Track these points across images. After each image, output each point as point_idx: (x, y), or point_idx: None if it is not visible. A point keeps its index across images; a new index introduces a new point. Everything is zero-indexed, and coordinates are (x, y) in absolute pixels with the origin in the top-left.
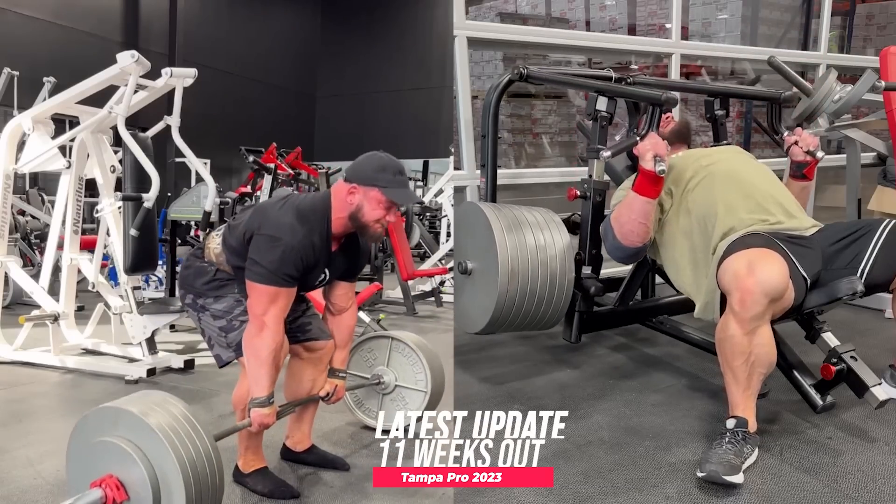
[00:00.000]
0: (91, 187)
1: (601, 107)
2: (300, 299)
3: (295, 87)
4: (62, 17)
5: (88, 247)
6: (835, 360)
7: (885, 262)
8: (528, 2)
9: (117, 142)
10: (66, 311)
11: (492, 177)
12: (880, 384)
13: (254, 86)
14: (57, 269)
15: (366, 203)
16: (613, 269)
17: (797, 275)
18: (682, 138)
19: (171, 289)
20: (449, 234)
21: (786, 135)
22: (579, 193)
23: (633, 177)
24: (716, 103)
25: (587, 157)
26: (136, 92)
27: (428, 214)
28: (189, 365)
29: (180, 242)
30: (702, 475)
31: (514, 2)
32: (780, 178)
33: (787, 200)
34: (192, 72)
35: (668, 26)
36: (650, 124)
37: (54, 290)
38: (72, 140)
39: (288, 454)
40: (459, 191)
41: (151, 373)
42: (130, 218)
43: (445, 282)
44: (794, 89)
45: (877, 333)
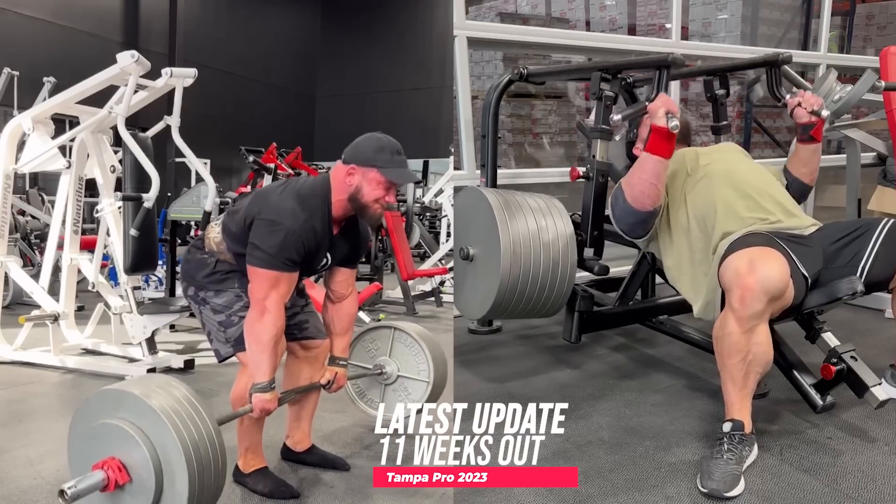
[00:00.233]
0: (91, 187)
1: (604, 86)
2: (300, 294)
3: (295, 87)
4: (62, 17)
5: (88, 247)
6: (835, 360)
7: (884, 261)
8: (528, 2)
9: (117, 142)
10: (66, 311)
11: (492, 177)
12: (880, 384)
13: (254, 86)
14: (57, 269)
15: (365, 184)
16: (613, 269)
17: (797, 273)
18: (681, 138)
19: (172, 289)
20: (449, 234)
21: (788, 97)
22: (582, 174)
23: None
24: (715, 82)
25: (591, 137)
26: (136, 92)
27: (428, 214)
28: (189, 365)
29: (180, 242)
30: (704, 491)
31: (514, 2)
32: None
33: (786, 200)
34: (192, 72)
35: (668, 26)
36: (658, 87)
37: (54, 290)
38: (72, 140)
39: (288, 454)
40: (459, 191)
41: (151, 372)
42: (130, 218)
43: (445, 282)
44: (794, 89)
45: (877, 333)
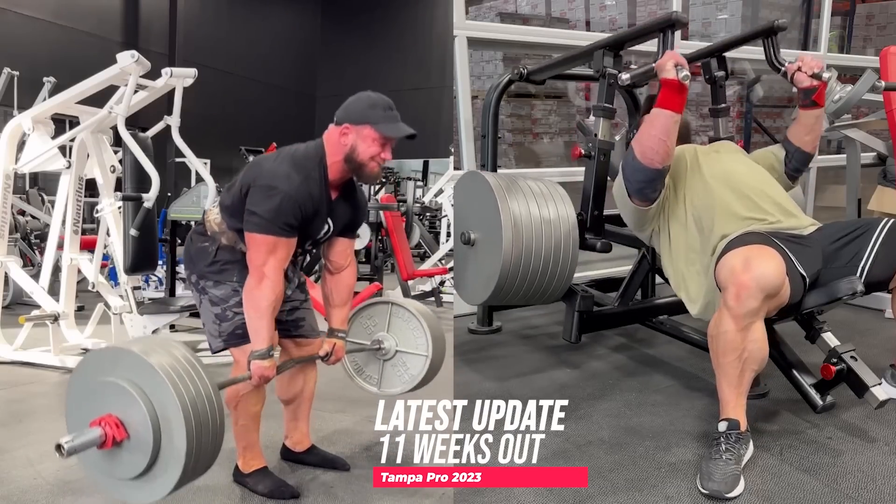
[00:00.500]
0: (91, 187)
1: (608, 63)
2: (301, 288)
3: (295, 87)
4: (62, 17)
5: (88, 247)
6: (835, 360)
7: (884, 261)
8: (528, 2)
9: (117, 142)
10: (66, 311)
11: None
12: (880, 384)
13: (254, 86)
14: (57, 269)
15: (360, 142)
16: (613, 269)
17: (794, 272)
18: (681, 138)
19: (172, 289)
20: (449, 234)
21: (787, 63)
22: (584, 152)
23: None
24: (713, 63)
25: (594, 116)
26: (136, 92)
27: (428, 214)
28: None
29: (180, 242)
30: (705, 492)
31: (514, 2)
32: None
33: (785, 200)
34: (192, 72)
35: None
36: (664, 47)
37: (54, 290)
38: (72, 140)
39: (288, 454)
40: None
41: None
42: (130, 218)
43: (445, 282)
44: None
45: (877, 333)
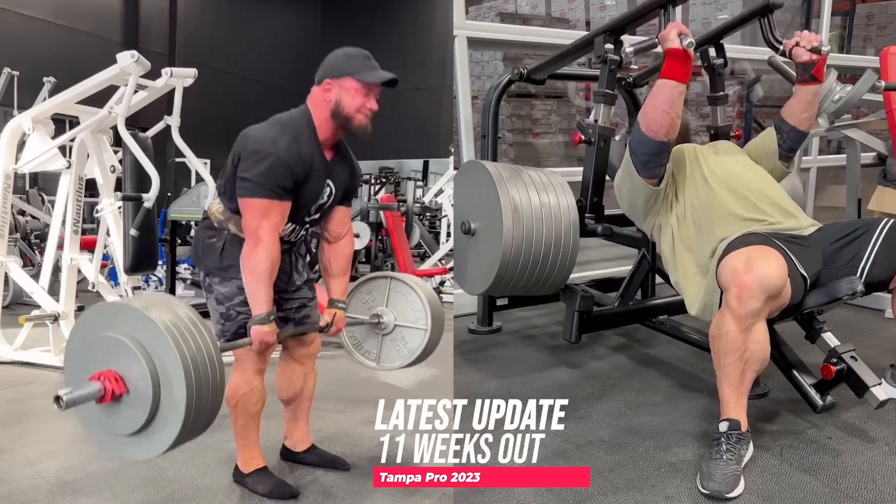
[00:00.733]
0: (91, 187)
1: (609, 49)
2: (308, 286)
3: (295, 87)
4: (62, 17)
5: (88, 247)
6: (835, 360)
7: (884, 262)
8: (528, 2)
9: (117, 142)
10: (66, 311)
11: None
12: (880, 384)
13: (254, 86)
14: (57, 269)
15: (343, 94)
16: (613, 269)
17: (795, 273)
18: (681, 138)
19: (172, 289)
20: (449, 234)
21: (785, 40)
22: (584, 138)
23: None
24: (711, 51)
25: (594, 101)
26: (136, 92)
27: (428, 214)
28: None
29: (180, 242)
30: (706, 492)
31: (514, 2)
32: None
33: (785, 200)
34: (192, 72)
35: None
36: (666, 20)
37: (54, 290)
38: (72, 140)
39: (288, 454)
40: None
41: None
42: (130, 218)
43: (446, 282)
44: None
45: (877, 333)
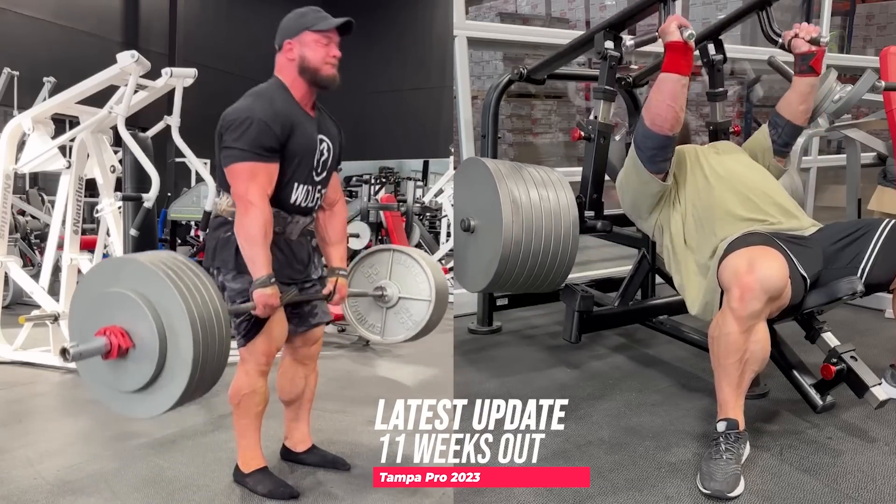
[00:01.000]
0: (91, 187)
1: (609, 45)
2: (321, 283)
3: None
4: (62, 17)
5: (88, 247)
6: (835, 360)
7: (885, 262)
8: (528, 2)
9: (117, 142)
10: (66, 311)
11: None
12: (880, 384)
13: (254, 86)
14: (57, 269)
15: (305, 49)
16: (613, 269)
17: (796, 274)
18: (681, 139)
19: None
20: (449, 234)
21: (784, 32)
22: (583, 134)
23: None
24: (710, 47)
25: (594, 98)
26: (136, 92)
27: (428, 214)
28: None
29: (180, 242)
30: (706, 492)
31: (514, 2)
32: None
33: (786, 200)
34: (192, 72)
35: None
36: (666, 15)
37: (54, 290)
38: (72, 140)
39: (288, 455)
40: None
41: None
42: (130, 218)
43: None
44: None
45: (877, 333)
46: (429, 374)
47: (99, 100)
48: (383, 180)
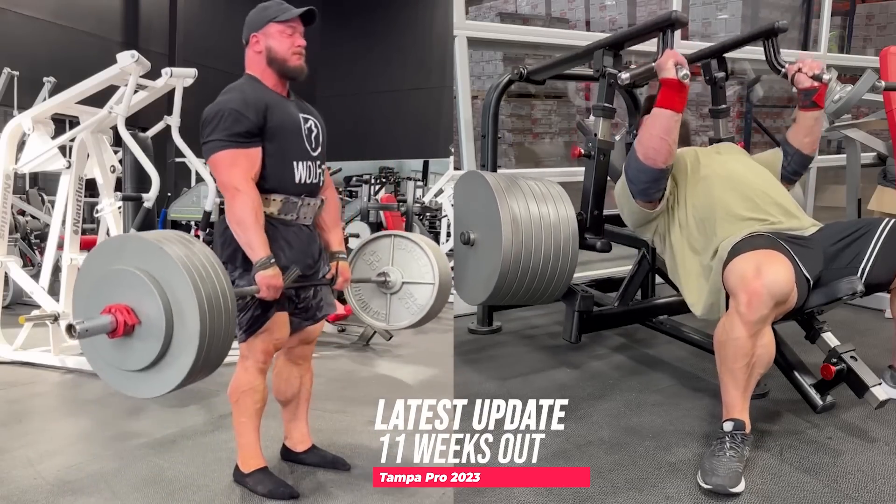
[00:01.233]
0: (91, 187)
1: (608, 62)
2: (329, 287)
3: (295, 87)
4: (62, 17)
5: (88, 247)
6: (835, 360)
7: (885, 262)
8: (528, 2)
9: (117, 142)
10: (66, 311)
11: None
12: (880, 384)
13: None
14: (57, 269)
15: (271, 41)
16: (613, 269)
17: (800, 276)
18: (681, 139)
19: None
20: (449, 234)
21: (788, 65)
22: (583, 152)
23: None
24: (713, 64)
25: (593, 116)
26: (136, 92)
27: (428, 214)
28: None
29: None
30: (707, 487)
31: (514, 2)
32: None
33: (786, 201)
34: (192, 72)
35: None
36: (664, 46)
37: (54, 290)
38: (72, 140)
39: (288, 455)
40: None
41: None
42: (130, 218)
43: None
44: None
45: (877, 333)
46: (429, 374)
47: (99, 100)
48: (383, 180)
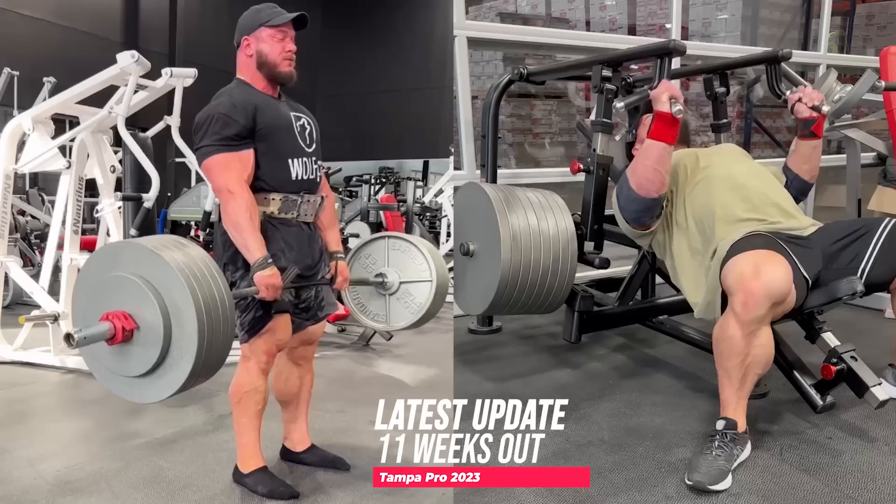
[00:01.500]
0: (91, 187)
1: (606, 79)
2: (329, 286)
3: (295, 87)
4: (62, 17)
5: (88, 247)
6: (835, 360)
7: (885, 262)
8: (528, 2)
9: (117, 142)
10: (66, 311)
11: (492, 177)
12: (880, 384)
13: None
14: (57, 269)
15: (262, 45)
16: (613, 269)
17: (799, 276)
18: (681, 139)
19: None
20: (449, 234)
21: (788, 93)
22: (583, 167)
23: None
24: (715, 80)
25: (592, 130)
26: (136, 92)
27: (428, 214)
28: None
29: None
30: (689, 483)
31: (514, 2)
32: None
33: (785, 202)
34: (192, 72)
35: (668, 26)
36: (661, 74)
37: (54, 290)
38: (72, 140)
39: (288, 455)
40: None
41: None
42: (130, 218)
43: None
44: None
45: (877, 333)
46: (429, 374)
47: (99, 100)
48: (383, 180)
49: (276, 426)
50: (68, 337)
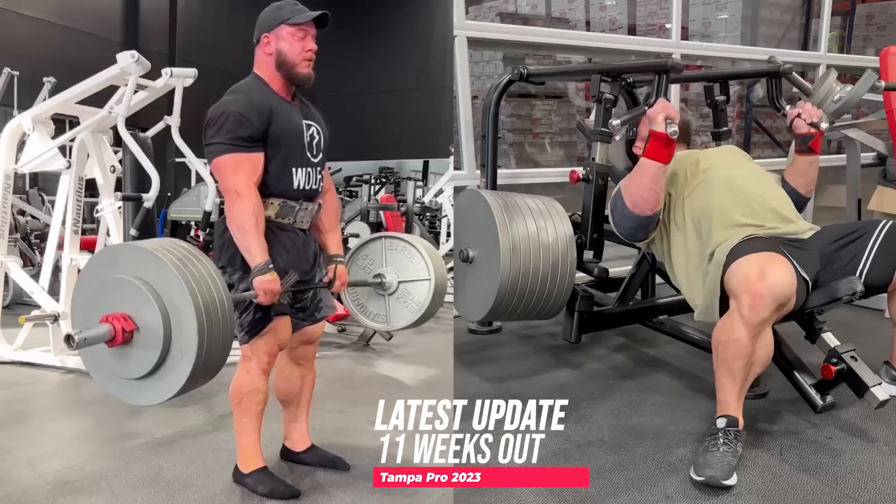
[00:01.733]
0: (91, 187)
1: (605, 88)
2: (327, 290)
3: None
4: (62, 17)
5: (88, 247)
6: (835, 360)
7: (882, 264)
8: (528, 2)
9: (117, 142)
10: (66, 311)
11: (492, 177)
12: (880, 384)
13: None
14: (57, 269)
15: (282, 43)
16: (613, 269)
17: (799, 278)
18: (682, 139)
19: None
20: (449, 234)
21: (788, 108)
22: (582, 176)
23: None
24: (715, 88)
25: (591, 140)
26: (136, 92)
27: (428, 214)
28: None
29: None
30: (700, 479)
31: (514, 2)
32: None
33: (784, 206)
34: (192, 72)
35: (668, 26)
36: (657, 92)
37: (54, 290)
38: (72, 140)
39: (288, 454)
40: (459, 191)
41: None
42: (130, 218)
43: None
44: (794, 89)
45: (877, 333)
46: (429, 374)
47: (99, 100)
48: (383, 180)
49: (277, 426)
50: (68, 338)
